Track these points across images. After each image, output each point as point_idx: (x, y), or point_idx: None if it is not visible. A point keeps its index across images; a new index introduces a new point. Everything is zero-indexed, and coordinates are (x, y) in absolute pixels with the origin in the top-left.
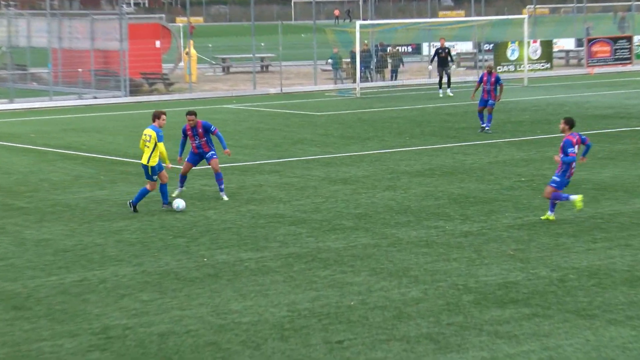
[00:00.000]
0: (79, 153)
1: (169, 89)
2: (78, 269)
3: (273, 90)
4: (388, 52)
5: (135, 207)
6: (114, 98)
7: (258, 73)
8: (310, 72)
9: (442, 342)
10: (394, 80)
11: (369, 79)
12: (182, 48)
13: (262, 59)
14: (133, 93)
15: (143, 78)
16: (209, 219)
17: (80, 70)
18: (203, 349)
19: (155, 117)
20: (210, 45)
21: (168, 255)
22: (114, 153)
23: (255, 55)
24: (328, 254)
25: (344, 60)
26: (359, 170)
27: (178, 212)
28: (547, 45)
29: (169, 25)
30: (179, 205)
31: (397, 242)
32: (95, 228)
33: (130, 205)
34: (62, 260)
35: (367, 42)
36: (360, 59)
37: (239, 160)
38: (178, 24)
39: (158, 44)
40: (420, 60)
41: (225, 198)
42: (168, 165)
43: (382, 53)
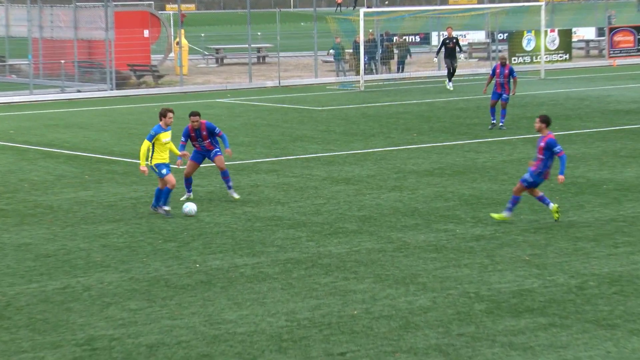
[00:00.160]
0: (62, 151)
1: (158, 82)
2: (61, 276)
3: (270, 83)
4: (394, 42)
5: (167, 210)
6: (99, 92)
7: (254, 65)
8: (311, 63)
9: (452, 354)
10: (401, 73)
11: (374, 71)
12: (172, 38)
13: (258, 50)
14: (119, 86)
15: (130, 70)
16: (202, 222)
17: (63, 62)
18: None
19: (162, 115)
20: (203, 35)
21: (157, 261)
22: (99, 151)
23: (251, 46)
24: (329, 260)
25: (347, 51)
26: (363, 170)
27: (190, 216)
28: (565, 35)
29: (159, 13)
30: (191, 210)
31: (403, 246)
32: (79, 231)
33: (165, 213)
34: (43, 266)
35: (371, 31)
36: (365, 50)
37: (234, 159)
38: (168, 12)
39: (146, 34)
40: (429, 51)
41: (236, 196)
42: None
43: (387, 43)
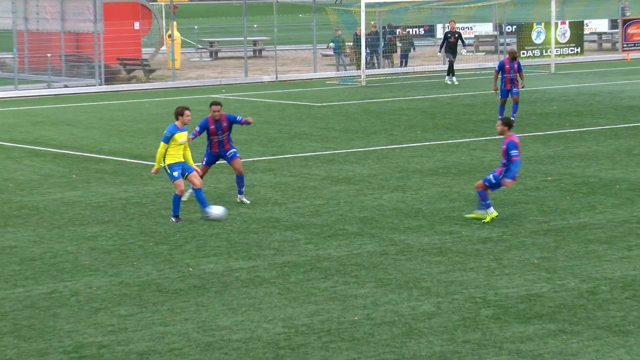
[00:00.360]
0: (48, 149)
1: (150, 77)
2: (47, 280)
3: (267, 78)
4: (397, 34)
5: (178, 216)
6: (88, 87)
7: (250, 58)
8: (309, 57)
9: None
10: (404, 67)
11: (376, 65)
12: (164, 30)
13: (254, 43)
14: (109, 81)
15: (120, 64)
16: (195, 224)
17: (50, 56)
18: None
19: (178, 114)
20: (196, 27)
21: (149, 265)
22: (88, 149)
23: (247, 39)
24: (329, 263)
25: (348, 44)
26: (364, 169)
27: (220, 220)
28: (577, 27)
29: (150, 5)
30: (220, 213)
31: (406, 249)
32: (67, 234)
33: (176, 219)
34: (29, 270)
35: (373, 23)
36: (366, 43)
37: None
38: (160, 3)
39: (137, 26)
40: (434, 44)
41: (246, 201)
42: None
43: (390, 36)
